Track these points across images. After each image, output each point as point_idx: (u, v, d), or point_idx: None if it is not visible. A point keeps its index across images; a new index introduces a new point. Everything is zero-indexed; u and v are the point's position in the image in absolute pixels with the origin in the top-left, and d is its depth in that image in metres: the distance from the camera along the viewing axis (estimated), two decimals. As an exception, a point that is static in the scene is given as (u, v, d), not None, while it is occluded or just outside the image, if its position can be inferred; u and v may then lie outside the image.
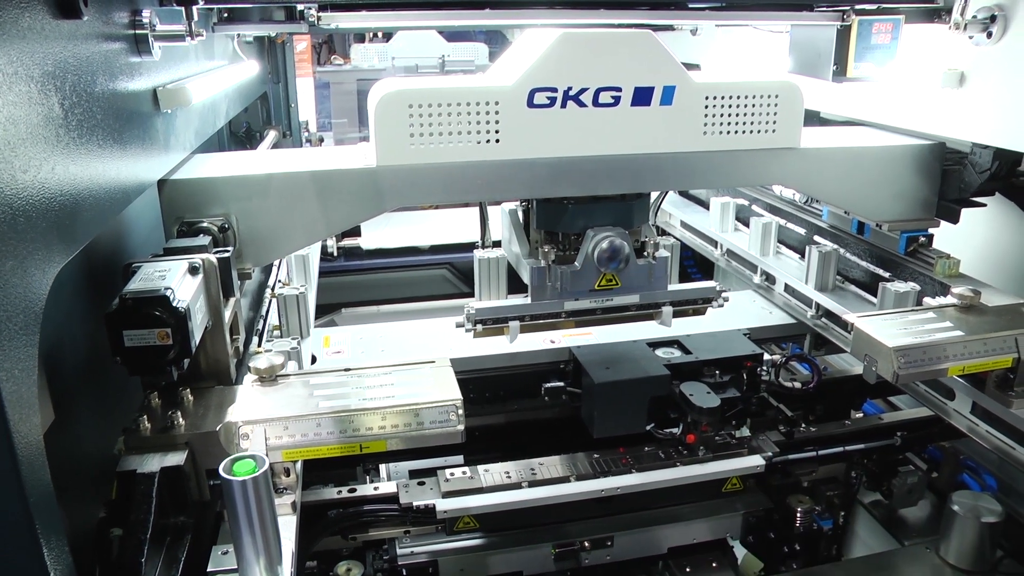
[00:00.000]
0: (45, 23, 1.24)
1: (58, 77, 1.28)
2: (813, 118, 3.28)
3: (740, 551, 2.90)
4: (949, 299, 2.37)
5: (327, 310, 4.76)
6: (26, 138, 1.12)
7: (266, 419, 1.65)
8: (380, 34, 7.71)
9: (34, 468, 1.09)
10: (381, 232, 5.10)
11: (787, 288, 3.26)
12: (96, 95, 1.47)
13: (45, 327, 1.15)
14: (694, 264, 4.74)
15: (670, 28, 3.95)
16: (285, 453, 1.66)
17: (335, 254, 4.90)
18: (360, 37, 7.90)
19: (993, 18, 2.35)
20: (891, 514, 2.88)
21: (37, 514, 1.09)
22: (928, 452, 2.94)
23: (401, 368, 1.87)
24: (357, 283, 4.99)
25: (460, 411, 1.72)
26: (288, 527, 1.59)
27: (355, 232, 4.94)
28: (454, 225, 5.13)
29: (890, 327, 2.20)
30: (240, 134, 4.75)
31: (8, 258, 1.03)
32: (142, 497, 1.48)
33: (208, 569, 1.49)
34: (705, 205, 4.09)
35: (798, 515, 2.85)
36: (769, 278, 3.40)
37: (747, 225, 3.59)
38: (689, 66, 4.04)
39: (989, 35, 2.38)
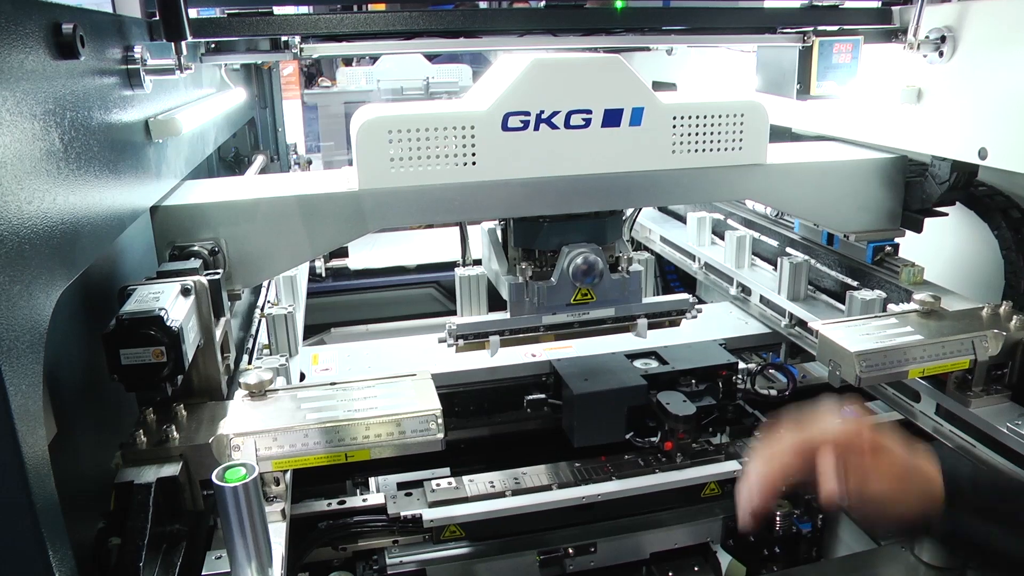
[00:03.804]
0: (46, 64, 1.34)
1: (58, 114, 1.37)
2: (785, 134, 3.40)
3: (725, 558, 2.97)
4: (911, 305, 2.48)
5: (316, 330, 4.83)
6: (31, 172, 1.21)
7: (256, 431, 1.74)
8: (367, 56, 7.82)
9: (40, 477, 1.17)
10: (368, 253, 5.17)
11: (762, 299, 3.36)
12: (92, 128, 1.56)
13: (47, 347, 1.23)
14: (677, 278, 4.83)
15: (646, 49, 4.07)
16: (275, 463, 1.75)
17: (323, 275, 4.96)
18: (347, 60, 8.01)
19: (943, 38, 2.48)
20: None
21: (44, 523, 1.16)
22: (902, 455, 3.02)
23: (384, 381, 1.96)
24: (345, 303, 5.06)
25: (439, 420, 1.81)
26: (278, 533, 1.67)
27: (343, 253, 5.02)
28: (440, 245, 5.21)
29: (853, 333, 2.30)
30: (229, 159, 4.84)
31: (16, 283, 1.12)
32: (139, 507, 1.56)
33: (202, 573, 1.57)
34: (683, 220, 4.19)
35: (777, 518, 2.93)
36: (745, 289, 3.50)
37: (723, 239, 3.70)
38: (666, 84, 4.20)
39: (941, 54, 2.50)
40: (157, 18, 1.97)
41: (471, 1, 3.62)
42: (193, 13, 2.27)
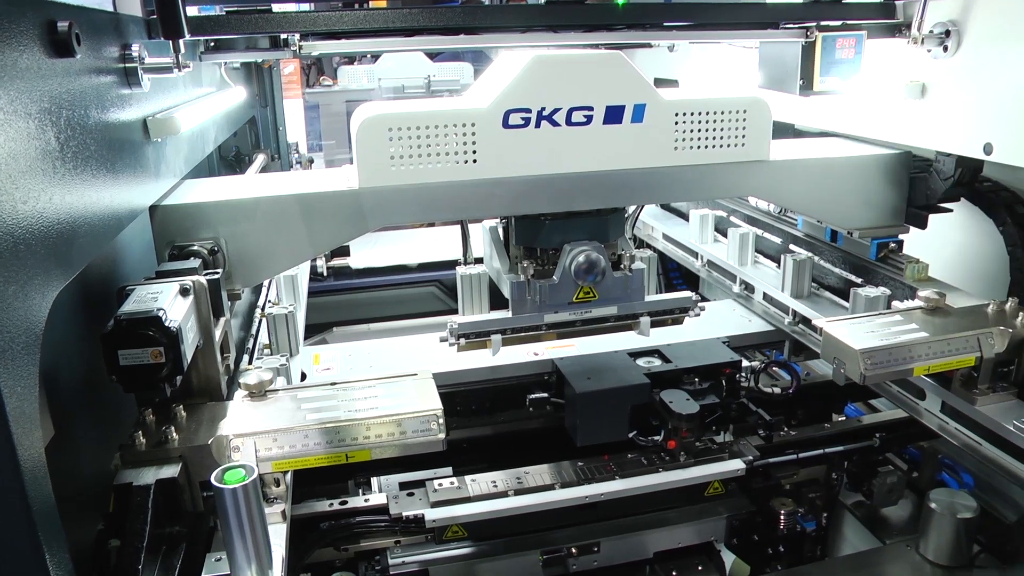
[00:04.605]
0: (42, 63, 1.33)
1: (54, 112, 1.36)
2: (788, 130, 3.38)
3: (729, 557, 2.95)
4: (916, 302, 2.46)
5: (318, 329, 4.82)
6: (26, 171, 1.20)
7: (256, 432, 1.73)
8: (368, 55, 7.80)
9: (36, 479, 1.15)
10: (370, 251, 5.17)
11: (765, 296, 3.34)
12: (89, 127, 1.55)
13: (44, 348, 1.22)
14: (680, 276, 4.82)
15: (648, 45, 4.06)
16: (275, 464, 1.73)
17: (325, 274, 4.96)
18: (349, 59, 7.99)
19: (948, 33, 2.46)
20: (873, 514, 2.95)
21: (40, 525, 1.15)
22: (907, 452, 3.01)
23: (385, 381, 1.95)
24: (347, 302, 5.06)
25: (440, 420, 1.80)
26: (278, 535, 1.66)
27: (344, 252, 5.01)
28: (441, 243, 5.20)
29: (857, 330, 2.28)
30: (230, 158, 4.83)
31: (11, 283, 1.11)
32: (138, 508, 1.55)
33: (202, 575, 1.56)
34: (686, 217, 4.17)
35: (781, 517, 2.92)
36: (748, 287, 3.49)
37: (726, 236, 3.68)
38: (668, 81, 4.18)
39: (945, 49, 2.48)
40: (155, 16, 1.95)
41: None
42: (192, 11, 2.26)
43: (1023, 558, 2.51)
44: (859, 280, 2.93)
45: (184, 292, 1.81)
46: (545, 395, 2.87)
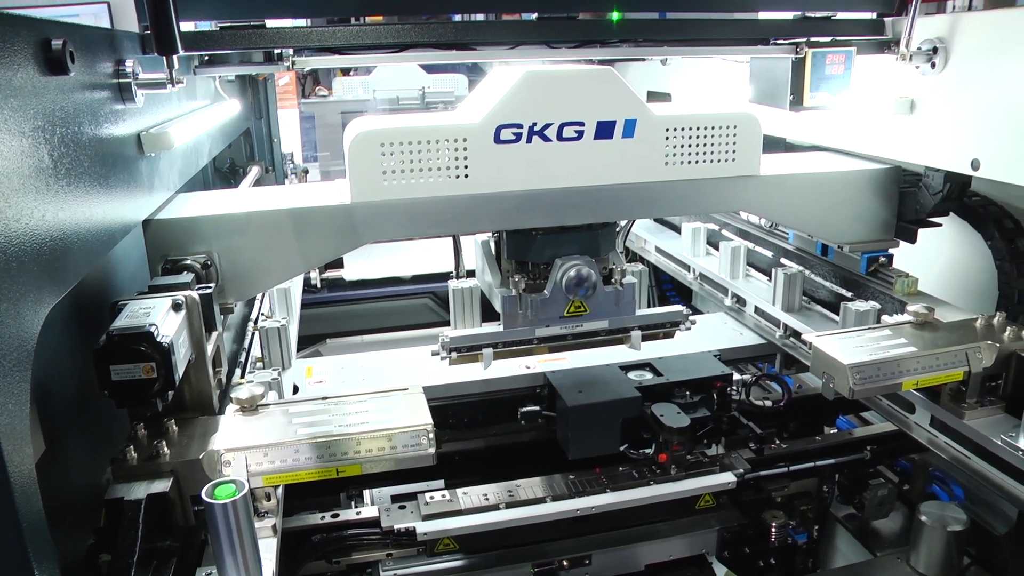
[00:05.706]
0: (35, 80, 1.34)
1: (47, 130, 1.37)
2: (779, 144, 3.40)
3: (720, 569, 2.96)
4: (905, 316, 2.48)
5: (312, 341, 4.82)
6: (19, 189, 1.21)
7: (247, 447, 1.74)
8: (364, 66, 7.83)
9: (27, 496, 1.16)
10: (363, 263, 5.18)
11: (756, 309, 3.36)
12: (83, 143, 1.56)
13: (36, 363, 1.22)
14: (673, 288, 4.83)
15: (641, 59, 4.09)
16: (266, 478, 1.74)
17: (318, 286, 4.95)
18: (344, 70, 8.02)
19: (935, 50, 2.49)
20: (864, 526, 2.96)
21: (30, 540, 1.15)
22: (899, 465, 3.02)
23: (375, 396, 1.95)
24: (341, 314, 5.06)
25: (431, 435, 1.81)
26: (269, 549, 1.66)
27: (338, 264, 5.00)
28: (435, 255, 5.21)
29: (847, 345, 2.30)
30: (224, 170, 4.83)
31: (2, 301, 1.11)
32: (129, 523, 1.56)
33: (193, 590, 1.56)
34: (678, 230, 4.19)
35: (773, 530, 2.92)
36: (740, 300, 3.50)
37: (718, 249, 3.70)
38: (661, 95, 4.21)
39: (933, 65, 2.51)
40: (150, 31, 1.96)
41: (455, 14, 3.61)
42: (188, 26, 2.27)
43: (1013, 570, 2.53)
44: (849, 294, 2.95)
45: (176, 307, 1.81)
46: (537, 408, 2.87)
